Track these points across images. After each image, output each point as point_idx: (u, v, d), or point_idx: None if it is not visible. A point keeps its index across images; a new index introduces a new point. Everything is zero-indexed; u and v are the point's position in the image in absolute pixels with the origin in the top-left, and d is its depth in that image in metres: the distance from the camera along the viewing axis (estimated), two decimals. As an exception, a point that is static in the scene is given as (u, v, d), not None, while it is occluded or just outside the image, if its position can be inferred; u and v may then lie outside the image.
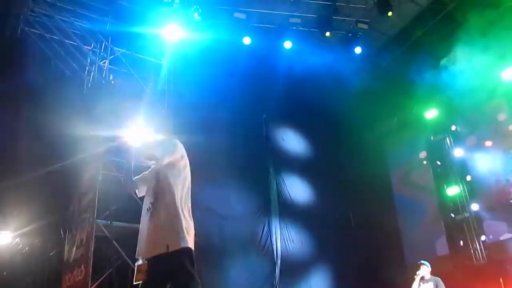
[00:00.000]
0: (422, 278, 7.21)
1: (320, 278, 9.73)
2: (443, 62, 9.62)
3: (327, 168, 10.58)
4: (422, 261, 7.42)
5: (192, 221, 3.67)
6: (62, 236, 8.97)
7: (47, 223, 9.06)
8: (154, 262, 3.47)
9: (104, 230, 7.69)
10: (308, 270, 9.71)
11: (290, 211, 9.92)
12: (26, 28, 8.37)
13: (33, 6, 8.27)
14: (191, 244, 3.54)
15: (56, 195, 9.08)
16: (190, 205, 3.75)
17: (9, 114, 8.23)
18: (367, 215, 10.29)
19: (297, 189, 10.08)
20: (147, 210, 3.78)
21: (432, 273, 7.30)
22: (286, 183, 10.14)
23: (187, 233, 3.54)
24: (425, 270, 7.26)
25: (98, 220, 7.62)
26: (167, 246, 3.42)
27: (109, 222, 7.74)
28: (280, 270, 9.45)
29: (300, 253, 9.54)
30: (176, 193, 3.63)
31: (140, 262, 3.58)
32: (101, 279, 7.68)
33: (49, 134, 8.17)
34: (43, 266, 9.26)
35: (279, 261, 9.50)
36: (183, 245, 3.45)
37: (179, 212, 3.56)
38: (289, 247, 9.64)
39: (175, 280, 3.43)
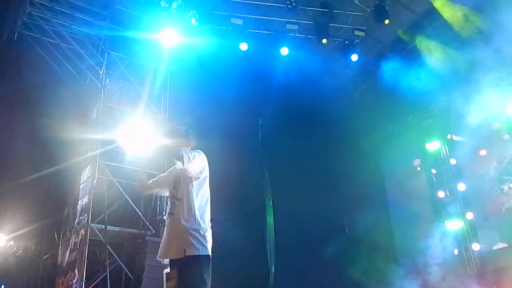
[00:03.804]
0: None
1: (314, 284, 9.71)
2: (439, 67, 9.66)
3: (322, 175, 10.58)
4: None
5: (210, 229, 3.77)
6: (56, 239, 8.97)
7: (41, 226, 9.09)
8: (174, 266, 3.58)
9: (99, 234, 7.70)
10: (303, 276, 9.69)
11: (284, 217, 9.91)
12: (24, 32, 8.40)
13: (30, 10, 8.28)
14: (209, 251, 3.62)
15: (50, 198, 9.11)
16: (209, 212, 3.84)
17: (4, 117, 8.25)
18: (361, 222, 10.29)
19: (292, 195, 10.05)
20: (168, 215, 3.86)
21: (425, 281, 7.25)
22: (281, 189, 10.13)
23: (207, 240, 3.63)
24: None
25: (92, 224, 7.63)
26: (184, 251, 3.50)
27: (104, 226, 7.74)
28: (275, 276, 9.44)
29: (294, 260, 9.52)
30: (195, 200, 3.72)
31: (168, 269, 3.66)
32: (94, 283, 7.68)
33: (44, 137, 8.19)
34: (37, 269, 9.26)
35: (273, 267, 9.49)
36: (201, 252, 3.53)
37: (198, 219, 3.65)
38: (283, 254, 9.62)
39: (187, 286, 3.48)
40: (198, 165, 3.77)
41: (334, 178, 10.58)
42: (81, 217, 7.95)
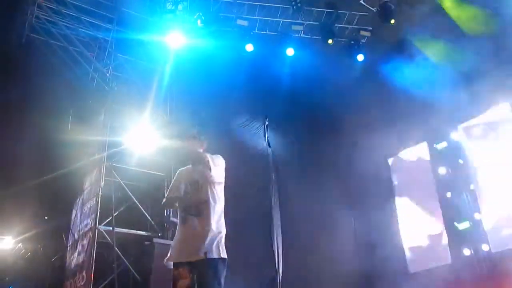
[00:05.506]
0: None
1: (321, 284, 9.66)
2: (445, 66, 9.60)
3: (328, 174, 10.54)
4: None
5: None
6: (64, 241, 9.02)
7: (49, 228, 9.14)
8: (188, 265, 3.56)
9: (106, 236, 7.72)
10: (310, 276, 9.64)
11: (291, 217, 9.88)
12: (31, 35, 8.48)
13: (38, 13, 8.37)
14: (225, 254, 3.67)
15: (58, 201, 9.16)
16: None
17: (13, 120, 8.31)
18: (369, 221, 10.24)
19: (299, 195, 10.03)
20: (192, 217, 3.75)
21: (434, 283, 7.15)
22: (288, 189, 10.11)
23: (223, 243, 3.69)
24: None
25: (100, 226, 7.66)
26: (206, 253, 3.51)
27: (111, 228, 7.76)
28: (282, 277, 9.39)
29: (301, 260, 9.48)
30: (219, 204, 3.77)
31: (174, 267, 3.65)
32: (102, 284, 7.69)
33: (52, 139, 8.24)
34: (45, 271, 9.30)
35: (280, 269, 9.44)
36: (222, 255, 3.59)
37: (220, 222, 3.71)
38: (290, 254, 9.59)
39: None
40: (222, 171, 3.81)
41: (341, 177, 10.53)
42: (88, 219, 7.98)
